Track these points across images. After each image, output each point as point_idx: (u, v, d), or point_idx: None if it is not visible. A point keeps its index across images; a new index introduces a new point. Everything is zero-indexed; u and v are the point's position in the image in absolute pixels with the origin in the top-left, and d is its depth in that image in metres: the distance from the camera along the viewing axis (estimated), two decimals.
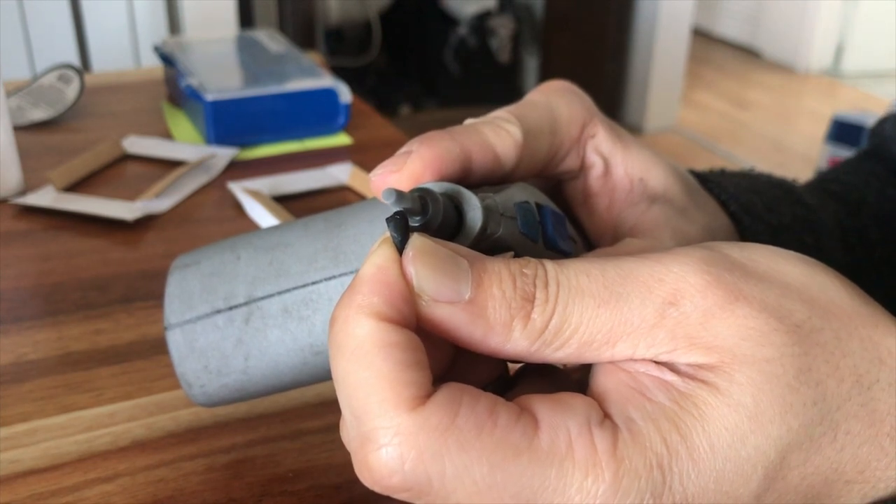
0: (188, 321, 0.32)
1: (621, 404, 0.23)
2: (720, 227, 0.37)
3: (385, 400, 0.21)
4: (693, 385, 0.22)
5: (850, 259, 0.43)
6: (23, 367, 0.45)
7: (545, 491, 0.21)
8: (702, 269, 0.23)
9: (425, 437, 0.21)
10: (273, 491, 0.37)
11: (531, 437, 0.21)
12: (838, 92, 3.65)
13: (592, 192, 0.35)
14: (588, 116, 0.34)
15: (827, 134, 2.02)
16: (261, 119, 0.76)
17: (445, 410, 0.21)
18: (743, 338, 0.22)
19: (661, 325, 0.23)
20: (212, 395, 0.32)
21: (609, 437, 0.22)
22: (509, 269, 0.23)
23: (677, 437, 0.22)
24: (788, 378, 0.22)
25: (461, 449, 0.21)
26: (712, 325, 0.23)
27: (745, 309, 0.23)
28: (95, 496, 0.37)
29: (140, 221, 0.62)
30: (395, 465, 0.21)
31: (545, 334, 0.23)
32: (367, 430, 0.21)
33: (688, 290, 0.23)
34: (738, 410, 0.22)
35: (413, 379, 0.21)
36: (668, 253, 0.24)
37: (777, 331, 0.23)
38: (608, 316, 0.23)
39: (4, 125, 0.65)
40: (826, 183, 0.48)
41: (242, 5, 2.00)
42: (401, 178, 0.27)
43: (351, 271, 0.29)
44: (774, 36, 3.95)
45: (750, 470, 0.22)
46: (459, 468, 0.21)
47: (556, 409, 0.22)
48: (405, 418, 0.21)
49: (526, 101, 0.33)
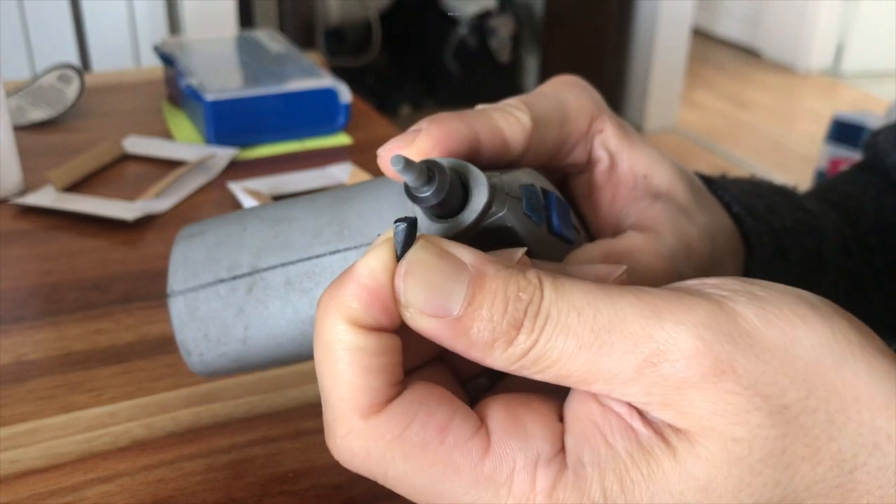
0: (191, 289, 0.32)
1: (578, 440, 0.23)
2: (722, 228, 0.37)
3: (343, 401, 0.23)
4: (654, 442, 0.23)
5: (850, 265, 0.43)
6: (23, 367, 0.45)
7: None
8: (696, 335, 0.22)
9: (374, 444, 0.23)
10: (273, 491, 0.37)
11: (476, 461, 0.23)
12: (838, 92, 3.64)
13: (597, 186, 0.35)
14: (597, 111, 0.34)
15: (827, 134, 2.01)
16: (261, 119, 0.76)
17: (396, 422, 0.23)
18: (716, 412, 0.22)
19: (637, 381, 0.22)
20: (210, 364, 0.32)
21: (551, 477, 0.22)
22: (506, 290, 0.23)
23: (618, 490, 0.22)
24: (752, 460, 0.22)
25: (405, 459, 0.23)
26: (689, 394, 0.22)
27: (729, 384, 0.22)
28: (95, 496, 0.37)
29: (140, 221, 0.62)
30: (347, 457, 0.23)
31: (524, 360, 0.23)
32: (329, 418, 0.24)
33: (672, 354, 0.22)
34: (687, 481, 0.22)
35: (372, 386, 0.23)
36: (669, 303, 0.23)
37: (758, 410, 0.22)
38: (586, 359, 0.22)
39: (4, 125, 0.65)
40: (824, 192, 0.48)
41: (242, 5, 2.00)
42: (409, 154, 0.28)
43: (355, 246, 0.30)
44: (774, 36, 3.95)
45: None
46: (401, 474, 0.23)
47: (512, 434, 0.23)
48: (357, 423, 0.23)
49: (536, 92, 0.34)
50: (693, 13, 3.07)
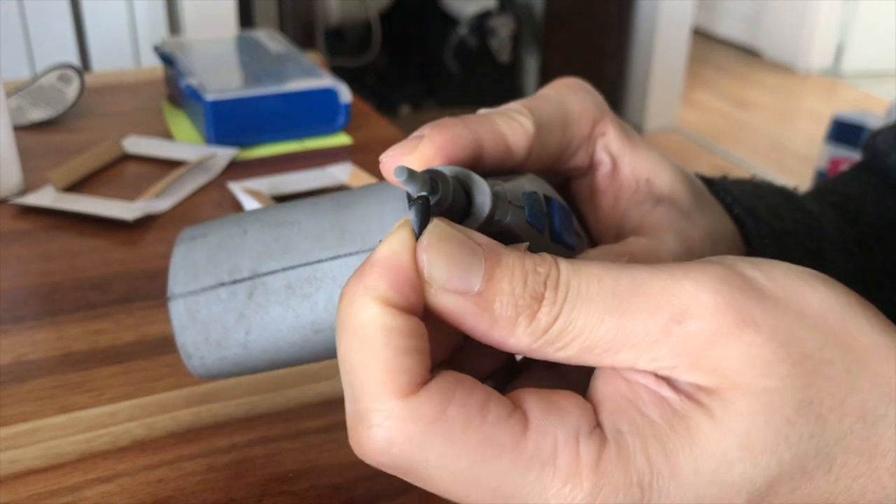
0: (191, 292, 0.32)
1: (614, 414, 0.23)
2: (724, 230, 0.37)
3: (381, 384, 0.22)
4: (688, 406, 0.22)
5: (850, 266, 0.43)
6: (23, 367, 0.45)
7: (522, 491, 0.22)
8: (714, 290, 0.23)
9: (414, 426, 0.22)
10: (273, 491, 0.37)
11: (518, 438, 0.22)
12: (838, 92, 3.65)
13: (599, 189, 0.35)
14: (599, 114, 0.34)
15: (827, 134, 2.01)
16: (261, 119, 0.76)
17: (437, 401, 0.22)
18: (746, 365, 0.22)
19: (665, 342, 0.22)
20: (210, 368, 0.32)
21: (594, 449, 0.22)
22: (523, 265, 0.23)
23: (662, 457, 0.22)
24: (787, 410, 0.22)
25: (447, 441, 0.22)
26: (717, 349, 0.22)
27: (752, 336, 0.22)
28: (95, 496, 0.37)
29: (140, 221, 0.62)
30: (384, 446, 0.22)
31: (548, 334, 0.23)
32: (362, 408, 0.22)
33: (696, 310, 0.22)
34: (728, 438, 0.22)
35: (410, 366, 0.22)
36: (682, 267, 0.24)
37: (783, 361, 0.22)
38: (612, 325, 0.23)
39: (4, 125, 0.65)
40: (824, 193, 0.48)
41: (242, 5, 2.00)
42: (412, 161, 0.28)
43: (356, 251, 0.29)
44: (774, 36, 3.95)
45: (734, 495, 0.22)
46: (443, 459, 0.22)
47: (549, 412, 0.22)
48: (397, 404, 0.22)
49: (539, 95, 0.33)
50: (693, 13, 3.07)
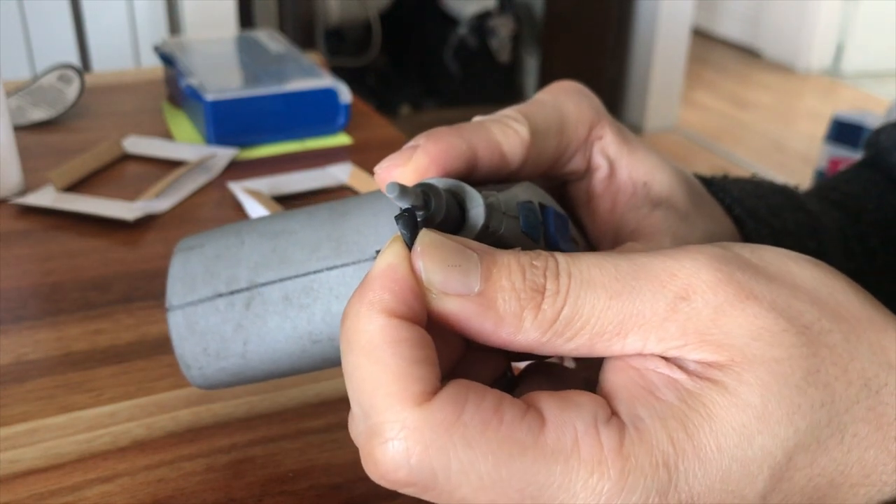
0: (190, 303, 0.32)
1: (630, 402, 0.23)
2: (723, 232, 0.37)
3: (392, 394, 0.21)
4: (701, 384, 0.23)
5: (851, 265, 0.43)
6: (23, 367, 0.45)
7: (550, 487, 0.21)
8: (713, 266, 0.23)
9: (431, 432, 0.21)
10: (273, 491, 0.37)
11: (537, 434, 0.22)
12: (838, 92, 3.65)
13: (596, 193, 0.35)
14: (596, 118, 0.34)
15: (827, 134, 2.01)
16: (261, 119, 0.76)
17: (452, 406, 0.21)
18: (753, 337, 0.22)
19: (673, 319, 0.23)
20: (209, 378, 0.32)
21: (615, 435, 0.22)
22: (519, 261, 0.23)
23: (684, 436, 0.22)
24: (797, 379, 0.22)
25: (467, 445, 0.21)
26: (723, 323, 0.23)
27: (755, 308, 0.23)
28: (95, 496, 0.37)
29: (140, 221, 0.62)
30: (401, 459, 0.21)
31: (556, 325, 0.23)
32: (375, 423, 0.22)
33: (699, 286, 0.23)
34: (745, 411, 0.22)
35: (421, 375, 0.22)
36: (679, 249, 0.24)
37: (787, 331, 0.23)
38: (620, 307, 0.23)
39: (4, 125, 0.65)
40: (826, 191, 0.48)
41: (242, 5, 2.00)
42: (405, 173, 0.27)
43: (353, 262, 0.29)
44: (774, 36, 3.95)
45: (756, 470, 0.22)
46: (465, 463, 0.21)
47: (563, 406, 0.22)
48: (412, 413, 0.21)
49: (534, 100, 0.33)
50: (693, 13, 3.07)
